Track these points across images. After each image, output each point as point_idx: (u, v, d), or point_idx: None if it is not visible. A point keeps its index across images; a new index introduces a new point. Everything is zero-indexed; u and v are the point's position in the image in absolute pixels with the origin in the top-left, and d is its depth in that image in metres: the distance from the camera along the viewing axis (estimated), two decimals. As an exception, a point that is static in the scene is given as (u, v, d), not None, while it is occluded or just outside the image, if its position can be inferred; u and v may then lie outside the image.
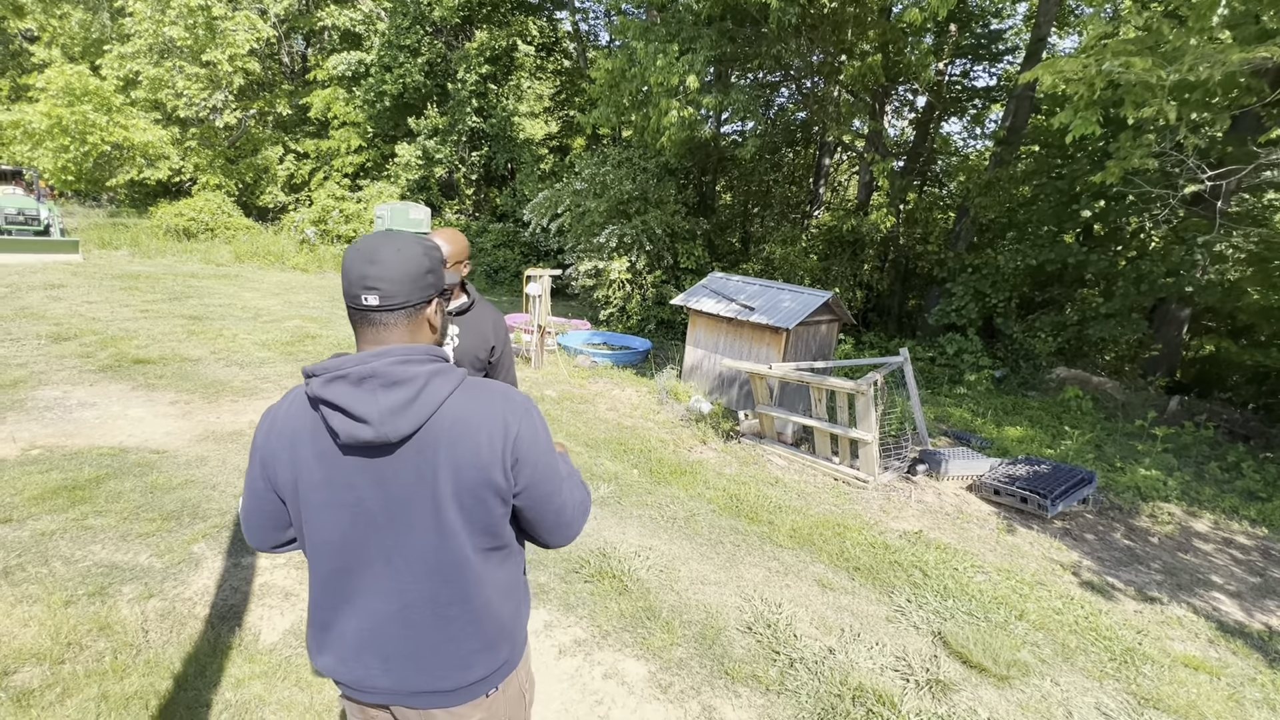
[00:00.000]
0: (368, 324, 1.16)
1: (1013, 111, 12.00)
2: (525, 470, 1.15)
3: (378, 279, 1.12)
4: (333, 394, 1.09)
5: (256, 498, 1.25)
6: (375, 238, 1.16)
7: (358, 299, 1.14)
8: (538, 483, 1.17)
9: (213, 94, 16.36)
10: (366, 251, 1.14)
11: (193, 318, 8.25)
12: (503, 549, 1.21)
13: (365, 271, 1.12)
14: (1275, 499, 5.82)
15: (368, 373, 1.08)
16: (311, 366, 1.13)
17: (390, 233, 1.18)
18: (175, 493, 3.82)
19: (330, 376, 1.10)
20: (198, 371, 6.24)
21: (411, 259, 1.14)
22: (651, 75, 8.06)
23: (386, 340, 1.15)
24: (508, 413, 1.15)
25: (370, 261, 1.12)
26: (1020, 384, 9.95)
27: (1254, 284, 7.77)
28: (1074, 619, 3.49)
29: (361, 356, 1.10)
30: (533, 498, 1.18)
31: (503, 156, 18.14)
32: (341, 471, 1.13)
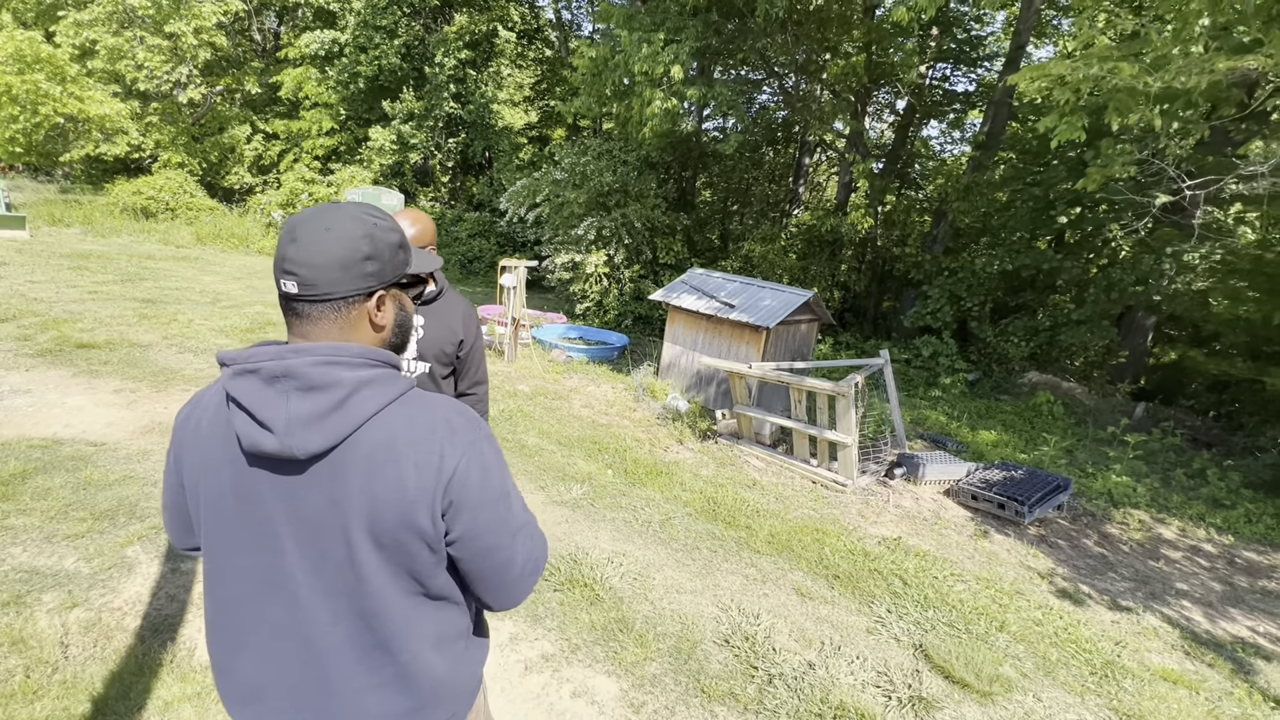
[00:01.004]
0: (291, 314, 0.97)
1: (991, 117, 12.08)
2: (463, 517, 0.95)
3: (296, 262, 0.92)
4: (240, 390, 0.90)
5: (170, 491, 1.08)
6: (308, 212, 0.97)
7: (278, 283, 0.95)
8: (479, 534, 0.97)
9: (175, 68, 15.63)
10: (291, 227, 0.94)
11: (146, 301, 7.82)
12: (438, 598, 1.01)
13: (285, 251, 0.93)
14: (1238, 507, 5.91)
15: (282, 371, 0.89)
16: (227, 353, 0.94)
17: (331, 206, 0.98)
18: (111, 490, 3.53)
19: (240, 369, 0.91)
20: (147, 358, 5.88)
21: (342, 240, 0.93)
22: (635, 64, 7.87)
23: (310, 336, 0.96)
24: (447, 443, 0.94)
25: (292, 240, 0.93)
26: (993, 387, 10.04)
27: (1219, 295, 7.91)
28: (1054, 630, 3.43)
29: (278, 349, 0.91)
30: (471, 550, 0.97)
31: (480, 144, 17.74)
32: (249, 483, 0.94)
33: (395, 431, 0.93)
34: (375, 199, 13.94)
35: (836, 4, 10.24)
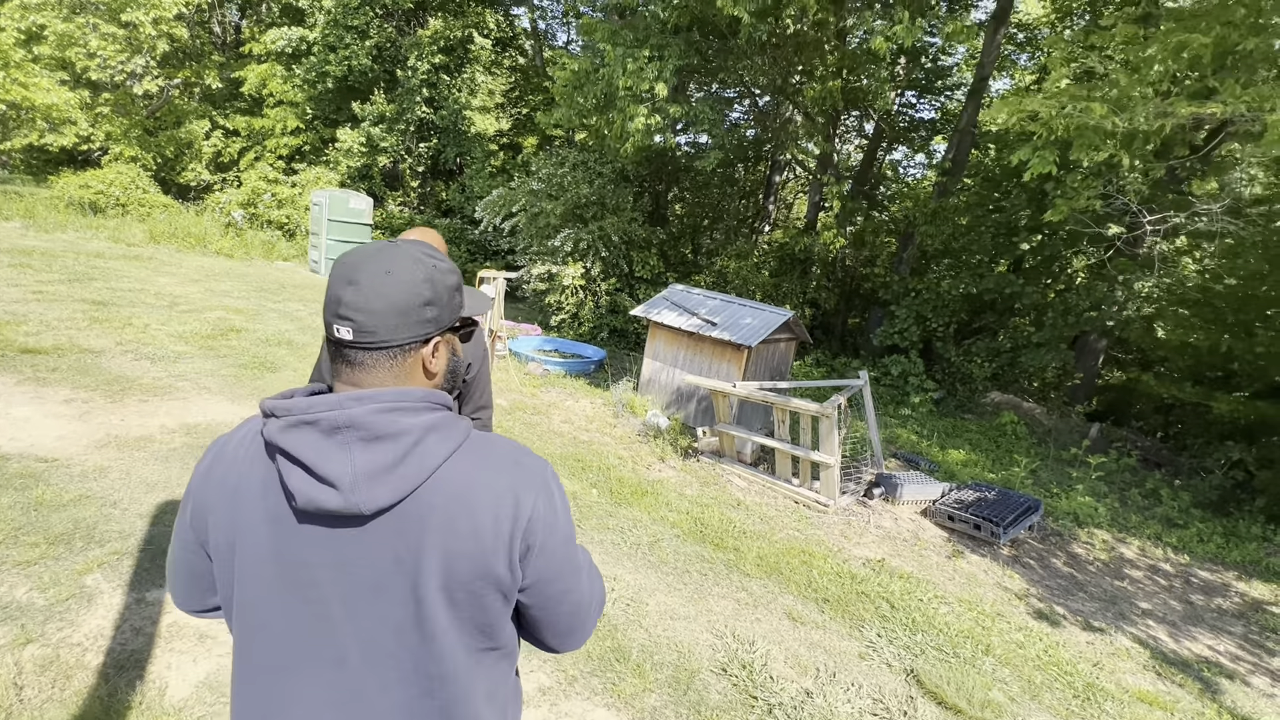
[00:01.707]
0: (342, 360, 0.90)
1: (956, 145, 12.55)
2: (538, 562, 0.90)
3: (354, 307, 0.86)
4: (294, 443, 0.83)
5: (184, 550, 0.97)
6: (364, 251, 0.90)
7: (330, 328, 0.88)
8: (552, 578, 0.93)
9: (131, 58, 14.96)
10: (349, 267, 0.88)
11: (96, 303, 7.39)
12: (498, 650, 0.95)
13: (341, 294, 0.87)
14: (1190, 526, 6.20)
15: (344, 421, 0.82)
16: (272, 402, 0.86)
17: (389, 246, 0.91)
18: (66, 511, 3.29)
19: (294, 420, 0.83)
20: (100, 365, 5.54)
21: (403, 285, 0.88)
22: (620, 79, 7.88)
23: (362, 384, 0.89)
24: (521, 486, 0.89)
25: (349, 282, 0.87)
26: (957, 406, 10.34)
27: (1170, 323, 8.35)
28: (1036, 653, 3.51)
29: (338, 399, 0.84)
30: (544, 595, 0.93)
31: (453, 150, 17.50)
32: (295, 544, 0.87)
33: (466, 478, 0.87)
34: (343, 202, 13.58)
35: (813, 30, 10.50)
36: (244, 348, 6.82)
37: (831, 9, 9.22)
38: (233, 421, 4.87)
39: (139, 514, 3.38)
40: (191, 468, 3.99)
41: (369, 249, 0.91)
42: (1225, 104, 4.20)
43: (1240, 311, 7.21)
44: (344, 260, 0.90)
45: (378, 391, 0.86)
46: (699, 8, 8.47)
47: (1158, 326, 10.35)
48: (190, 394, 5.29)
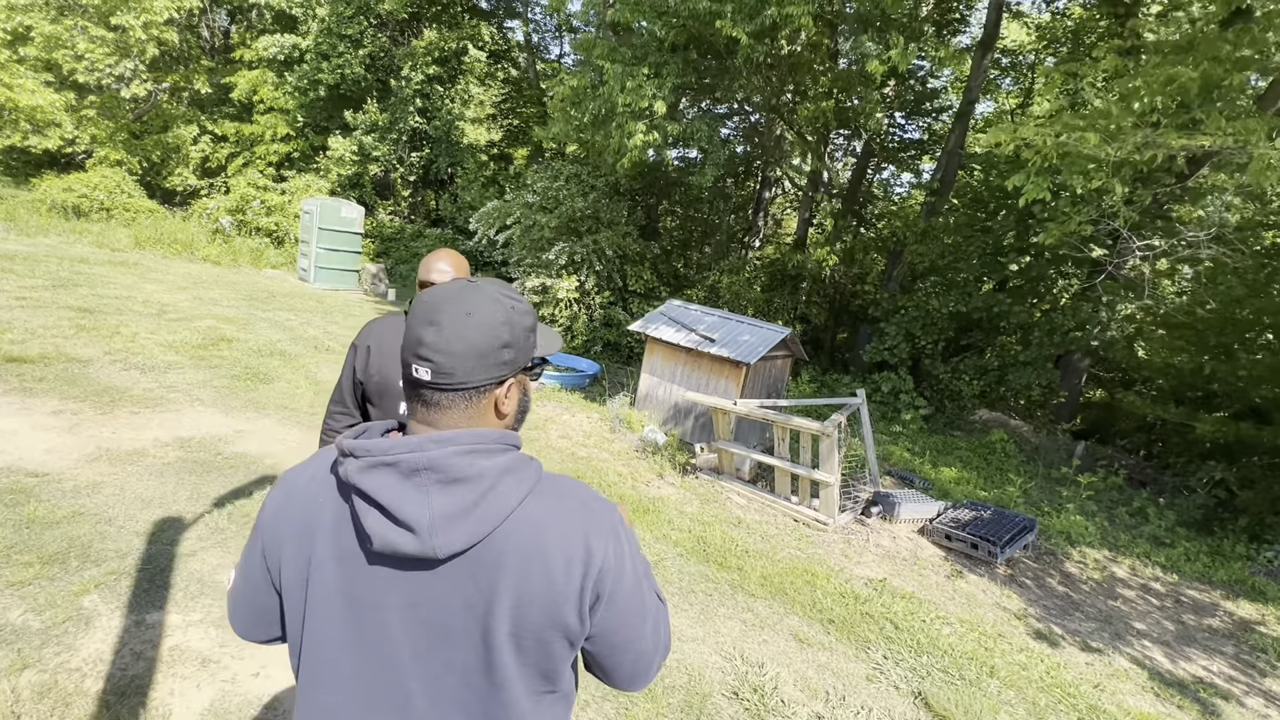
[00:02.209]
0: (418, 400, 0.90)
1: (944, 166, 12.80)
2: (606, 612, 0.90)
3: (434, 348, 0.86)
4: (373, 485, 0.82)
5: (251, 586, 0.97)
6: (446, 292, 0.90)
7: (409, 367, 0.89)
8: (617, 627, 0.92)
9: (120, 61, 14.78)
10: (430, 307, 0.88)
11: (82, 310, 7.24)
12: (557, 693, 0.95)
13: (422, 335, 0.87)
14: (1177, 545, 6.31)
15: (425, 463, 0.82)
16: (350, 441, 0.86)
17: (469, 286, 0.91)
18: (59, 528, 3.20)
19: (374, 462, 0.83)
20: (88, 375, 5.42)
21: (483, 327, 0.88)
22: (619, 96, 7.94)
23: (437, 424, 0.89)
24: (592, 533, 0.88)
25: (431, 323, 0.87)
26: (946, 423, 10.46)
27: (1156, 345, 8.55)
28: (1039, 675, 3.54)
29: (419, 441, 0.84)
30: (608, 644, 0.93)
31: (445, 160, 17.48)
32: (365, 583, 0.86)
33: (539, 523, 0.87)
34: (334, 210, 13.48)
35: (807, 51, 10.69)
36: (236, 358, 6.71)
37: (827, 31, 9.41)
38: (227, 435, 4.78)
39: (135, 532, 3.29)
40: (187, 483, 3.91)
41: (449, 289, 0.91)
42: (1213, 137, 4.34)
43: (1221, 334, 7.41)
44: (425, 300, 0.91)
45: (456, 433, 0.86)
46: (697, 27, 8.59)
47: (1138, 347, 10.60)
48: (182, 406, 5.19)
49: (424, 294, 0.92)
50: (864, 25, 9.13)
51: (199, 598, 2.90)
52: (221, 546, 3.32)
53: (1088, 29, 11.64)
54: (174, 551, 3.20)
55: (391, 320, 2.09)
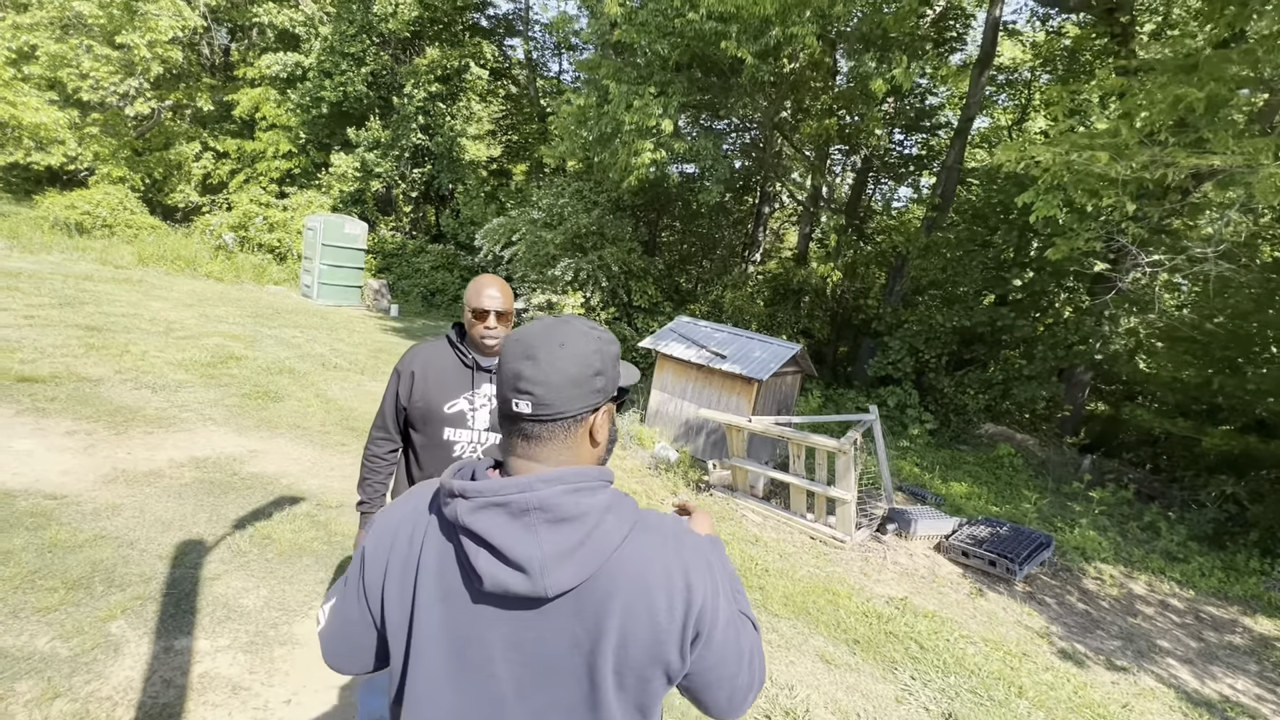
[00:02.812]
0: (517, 434, 0.91)
1: (943, 181, 12.94)
2: (704, 649, 0.90)
3: (533, 381, 0.88)
4: (484, 526, 0.83)
5: (349, 626, 0.97)
6: (537, 327, 0.92)
7: (508, 403, 0.90)
8: (714, 664, 0.92)
9: (124, 80, 14.87)
10: (525, 344, 0.90)
11: (90, 328, 7.21)
12: None
13: (520, 369, 0.88)
14: (1191, 560, 6.30)
15: (535, 503, 0.83)
16: (459, 483, 0.86)
17: (558, 321, 0.94)
18: (82, 552, 3.16)
19: (484, 503, 0.84)
20: (100, 394, 5.38)
21: (577, 357, 0.90)
22: (625, 115, 8.02)
23: (538, 456, 0.91)
24: (692, 570, 0.89)
25: (527, 357, 0.89)
26: (952, 438, 10.46)
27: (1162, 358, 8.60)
28: (1067, 695, 3.52)
29: (527, 480, 0.85)
30: (704, 680, 0.93)
31: (447, 176, 17.57)
32: (469, 622, 0.87)
33: (641, 561, 0.87)
34: (337, 227, 13.51)
35: (809, 70, 10.84)
36: (245, 376, 6.68)
37: (828, 50, 9.54)
38: (241, 455, 4.75)
39: (158, 555, 3.26)
40: (205, 504, 3.88)
41: (539, 326, 0.93)
42: (1223, 156, 4.41)
43: (1227, 348, 7.46)
44: (517, 337, 0.92)
45: (562, 471, 0.87)
46: (701, 47, 8.70)
47: (1139, 360, 10.66)
48: (195, 425, 5.16)
49: (513, 333, 0.93)
50: (866, 44, 9.27)
51: (225, 623, 2.87)
52: (245, 570, 3.28)
53: (1084, 47, 11.84)
54: (198, 575, 3.17)
55: (435, 346, 2.08)
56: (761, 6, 7.35)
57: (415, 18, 16.29)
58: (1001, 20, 11.94)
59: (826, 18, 8.06)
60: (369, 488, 2.09)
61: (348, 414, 6.21)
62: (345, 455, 5.19)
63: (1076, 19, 12.49)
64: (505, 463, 0.94)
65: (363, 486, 2.10)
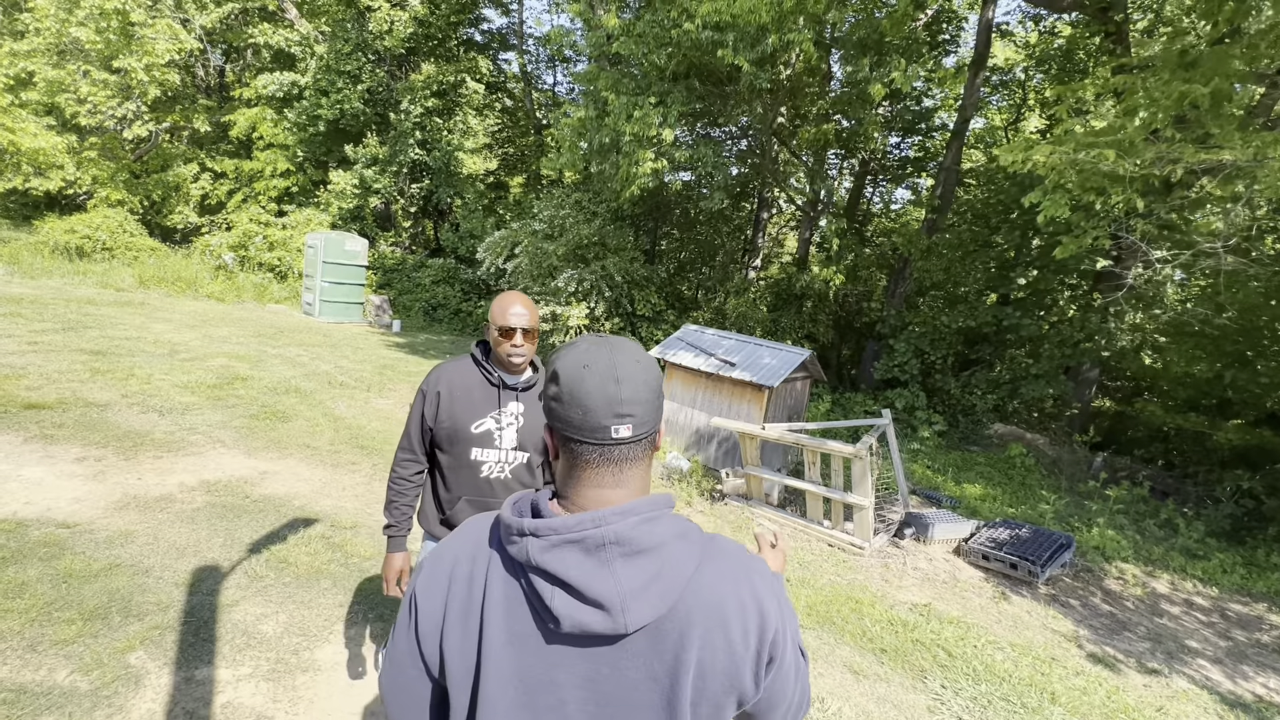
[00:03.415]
0: (607, 462, 0.87)
1: (942, 182, 12.96)
2: (775, 675, 0.88)
3: (632, 402, 0.85)
4: (558, 564, 0.79)
5: (403, 676, 0.91)
6: (601, 347, 0.88)
7: (606, 431, 0.85)
8: (781, 687, 0.90)
9: (122, 103, 14.92)
10: (605, 366, 0.86)
11: (95, 352, 7.17)
12: None
13: (616, 394, 0.85)
14: (1211, 557, 6.24)
15: (611, 537, 0.79)
16: (530, 521, 0.82)
17: (616, 340, 0.91)
18: (98, 582, 3.11)
19: (558, 540, 0.80)
20: (107, 419, 5.34)
21: (653, 371, 0.90)
22: (625, 125, 8.03)
23: (627, 482, 0.87)
24: (763, 594, 0.87)
25: (617, 380, 0.85)
26: (961, 439, 10.41)
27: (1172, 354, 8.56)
28: (1101, 700, 3.46)
29: (601, 515, 0.81)
30: (769, 703, 0.90)
31: (445, 190, 17.60)
32: (540, 665, 0.82)
33: (715, 589, 0.84)
34: (338, 244, 13.51)
35: (806, 75, 10.88)
36: (252, 397, 6.64)
37: (824, 56, 9.58)
38: (252, 477, 4.70)
39: (174, 582, 3.20)
40: (219, 529, 3.82)
41: (598, 347, 0.89)
42: (1234, 151, 4.40)
43: (1238, 342, 7.44)
44: (588, 363, 0.87)
45: (635, 503, 0.84)
46: (698, 57, 8.73)
47: (1144, 355, 10.63)
48: (205, 448, 5.11)
49: (576, 356, 0.88)
50: (862, 49, 9.31)
51: (246, 650, 2.81)
52: (262, 595, 3.23)
53: (1078, 46, 11.90)
54: (215, 602, 3.11)
55: (459, 364, 2.05)
56: (758, 15, 7.37)
57: (411, 34, 16.38)
58: (994, 22, 12.00)
59: (822, 23, 8.09)
60: (396, 511, 2.05)
61: (357, 432, 6.16)
62: (356, 474, 5.14)
63: (1070, 19, 12.56)
64: (573, 493, 0.89)
65: (390, 509, 2.06)
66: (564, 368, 0.87)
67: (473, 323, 15.71)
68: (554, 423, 0.89)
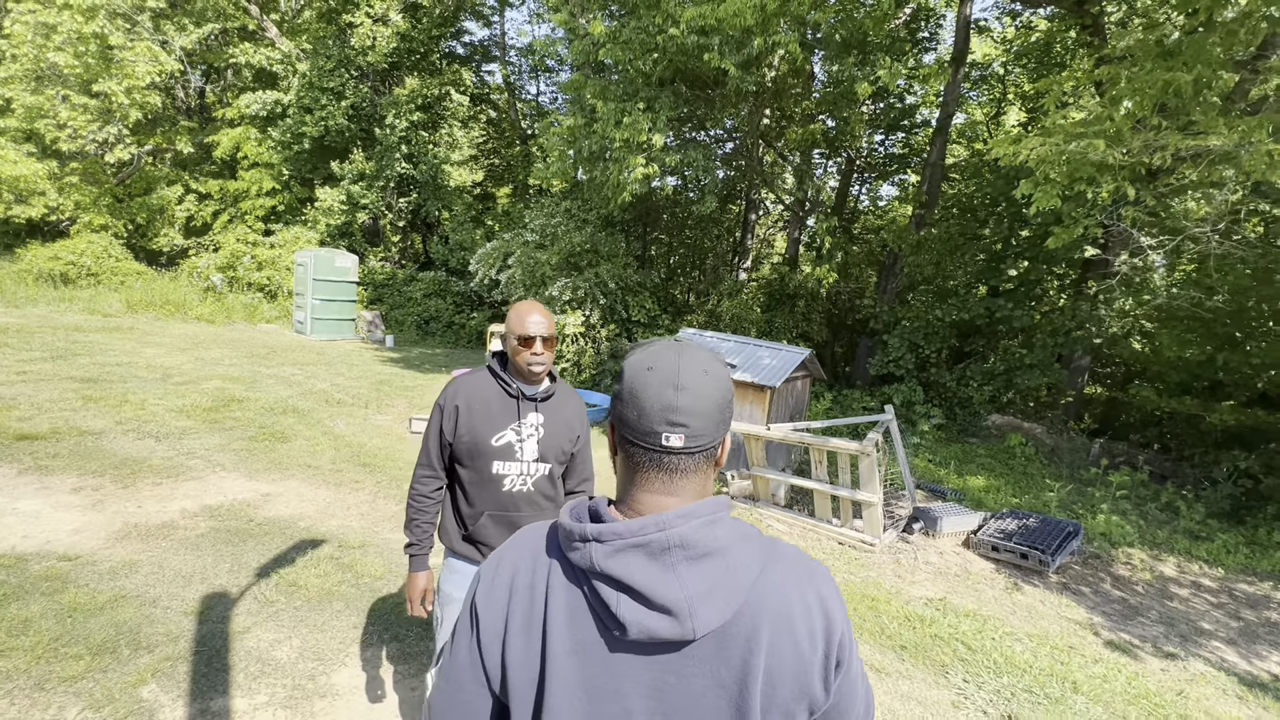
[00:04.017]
0: (658, 469, 0.85)
1: (927, 178, 13.07)
2: (842, 679, 0.85)
3: (688, 412, 0.83)
4: (624, 569, 0.77)
5: (461, 693, 0.88)
6: (670, 352, 0.87)
7: (657, 437, 0.83)
8: (847, 693, 0.87)
9: (103, 127, 14.78)
10: (668, 371, 0.84)
11: (86, 380, 7.06)
12: None
13: (672, 401, 0.83)
14: (1214, 539, 6.28)
15: (676, 540, 0.78)
16: (592, 526, 0.80)
17: (687, 346, 0.89)
18: (103, 615, 3.04)
19: (623, 545, 0.78)
20: (102, 447, 5.25)
21: (718, 383, 0.87)
22: (615, 132, 8.04)
23: (674, 490, 0.85)
24: (826, 596, 0.85)
25: (676, 387, 0.83)
26: (960, 431, 10.46)
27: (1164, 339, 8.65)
28: (1121, 687, 3.46)
29: (665, 518, 0.79)
30: (837, 710, 0.87)
31: (434, 203, 17.55)
32: (605, 674, 0.80)
33: (779, 591, 0.83)
34: (328, 261, 13.42)
35: (790, 77, 10.95)
36: (249, 418, 6.56)
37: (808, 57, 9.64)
38: (254, 500, 4.63)
39: (183, 611, 3.14)
40: (225, 554, 3.76)
41: (669, 351, 0.88)
42: (1220, 136, 4.47)
43: (1227, 324, 7.52)
44: (651, 365, 0.86)
45: (697, 505, 0.82)
46: (684, 61, 8.76)
47: (1134, 341, 10.74)
48: (204, 473, 5.03)
49: (644, 356, 0.87)
50: (846, 48, 9.38)
51: (260, 678, 2.76)
52: (274, 620, 3.17)
53: (1055, 40, 12.06)
54: (227, 630, 3.05)
55: (477, 377, 2.02)
56: (742, 17, 7.41)
57: (393, 49, 16.35)
58: (972, 18, 12.15)
59: (805, 24, 8.15)
60: (418, 529, 2.02)
61: (358, 450, 6.09)
62: (360, 493, 5.08)
63: (1045, 13, 12.73)
64: (630, 498, 0.87)
65: (411, 528, 2.02)
66: (629, 365, 0.87)
67: (466, 335, 15.64)
68: (614, 419, 0.88)
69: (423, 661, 3.01)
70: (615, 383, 0.89)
